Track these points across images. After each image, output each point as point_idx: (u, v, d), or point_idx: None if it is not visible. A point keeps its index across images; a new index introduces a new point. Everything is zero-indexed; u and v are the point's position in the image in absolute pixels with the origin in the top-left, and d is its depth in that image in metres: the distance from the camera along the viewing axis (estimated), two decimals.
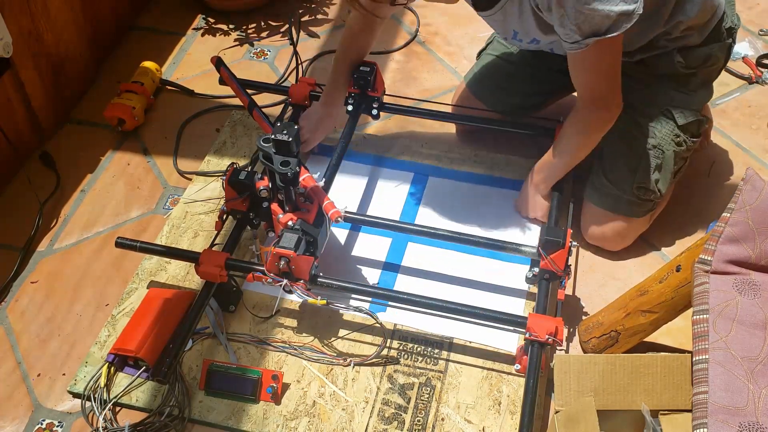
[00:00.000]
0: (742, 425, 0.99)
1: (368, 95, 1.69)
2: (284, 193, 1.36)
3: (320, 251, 1.41)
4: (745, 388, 1.02)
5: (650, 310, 1.27)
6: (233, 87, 1.74)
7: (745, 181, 1.15)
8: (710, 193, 1.72)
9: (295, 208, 1.39)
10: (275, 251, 1.31)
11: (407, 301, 1.35)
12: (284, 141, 1.27)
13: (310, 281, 1.34)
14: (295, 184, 1.36)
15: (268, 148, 1.29)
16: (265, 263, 1.34)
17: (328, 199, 1.39)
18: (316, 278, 1.35)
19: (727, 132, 1.88)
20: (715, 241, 1.14)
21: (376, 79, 1.67)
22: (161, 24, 2.24)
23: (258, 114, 1.69)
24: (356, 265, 1.56)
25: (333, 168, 1.57)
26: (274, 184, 1.35)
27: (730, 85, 2.01)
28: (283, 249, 1.31)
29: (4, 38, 1.61)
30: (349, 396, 1.35)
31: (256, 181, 1.43)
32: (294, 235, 1.33)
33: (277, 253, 1.31)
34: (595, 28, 1.21)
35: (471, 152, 1.78)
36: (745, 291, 1.10)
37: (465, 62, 2.09)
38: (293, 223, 1.36)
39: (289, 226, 1.36)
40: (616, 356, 1.21)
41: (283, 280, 1.33)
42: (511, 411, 1.32)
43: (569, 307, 1.48)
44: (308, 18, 2.24)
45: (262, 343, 1.42)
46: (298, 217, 1.37)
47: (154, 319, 1.39)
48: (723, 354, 1.05)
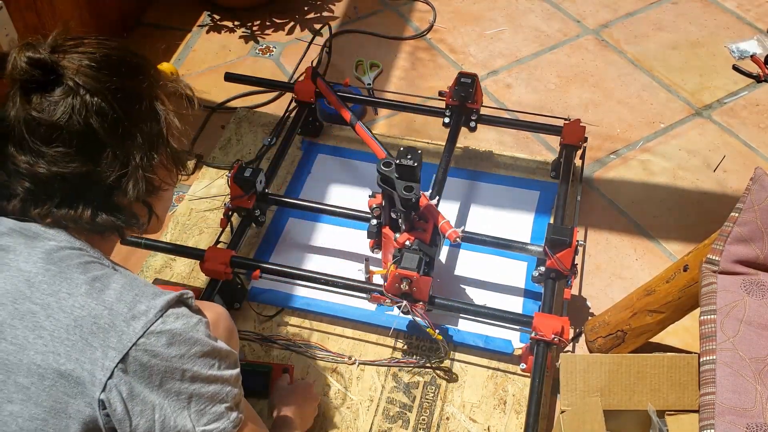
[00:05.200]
0: (749, 426, 0.99)
1: (467, 107, 1.63)
2: (403, 215, 1.31)
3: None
4: (752, 389, 1.01)
5: (657, 310, 1.26)
6: (333, 101, 1.67)
7: (753, 181, 1.14)
8: (717, 193, 1.71)
9: (411, 228, 1.34)
10: (398, 272, 1.26)
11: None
12: (409, 166, 1.22)
13: (429, 302, 1.30)
14: (417, 209, 1.31)
15: (388, 173, 1.24)
16: (384, 284, 1.30)
17: (443, 218, 1.35)
18: (434, 299, 1.32)
19: (735, 131, 1.87)
20: (723, 241, 1.13)
21: (476, 91, 1.62)
22: (166, 20, 2.23)
23: (363, 130, 1.59)
24: None
25: (440, 183, 1.51)
26: (389, 206, 1.31)
27: (738, 84, 2.00)
28: (407, 270, 1.27)
29: (10, 34, 1.61)
30: (353, 394, 1.35)
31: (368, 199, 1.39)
32: (415, 255, 1.28)
33: (400, 274, 1.26)
34: None
35: (476, 151, 1.78)
36: (753, 291, 1.10)
37: (471, 59, 2.09)
38: (411, 243, 1.32)
39: (406, 246, 1.32)
40: (622, 356, 1.20)
41: (402, 301, 1.29)
42: (516, 410, 1.32)
43: (575, 306, 1.48)
44: (313, 15, 2.24)
45: (267, 340, 1.42)
46: (415, 237, 1.33)
47: None
48: (730, 355, 1.05)
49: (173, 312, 0.81)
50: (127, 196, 0.86)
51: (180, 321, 0.80)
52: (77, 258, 0.83)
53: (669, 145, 1.84)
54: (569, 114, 1.68)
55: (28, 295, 0.79)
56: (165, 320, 0.79)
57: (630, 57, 2.10)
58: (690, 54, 2.10)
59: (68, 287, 0.80)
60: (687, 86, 2.00)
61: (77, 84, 0.82)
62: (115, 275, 0.83)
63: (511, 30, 2.20)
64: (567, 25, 2.21)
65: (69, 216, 0.84)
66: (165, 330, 0.79)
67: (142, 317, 0.78)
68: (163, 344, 0.78)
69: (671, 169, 1.78)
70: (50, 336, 0.77)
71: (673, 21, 2.21)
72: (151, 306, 0.79)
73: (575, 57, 2.10)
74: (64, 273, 0.81)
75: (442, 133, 1.81)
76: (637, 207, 1.69)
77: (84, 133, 0.82)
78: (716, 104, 1.95)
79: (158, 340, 0.78)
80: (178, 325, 0.80)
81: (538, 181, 1.71)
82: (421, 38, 2.17)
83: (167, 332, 0.79)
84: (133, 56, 0.90)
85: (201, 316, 0.84)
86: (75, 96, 0.82)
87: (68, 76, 0.82)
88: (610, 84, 2.02)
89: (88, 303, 0.78)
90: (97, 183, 0.85)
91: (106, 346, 0.76)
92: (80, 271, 0.81)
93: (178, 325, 0.80)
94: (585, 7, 2.28)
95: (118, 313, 0.78)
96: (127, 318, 0.78)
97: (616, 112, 1.93)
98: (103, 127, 0.83)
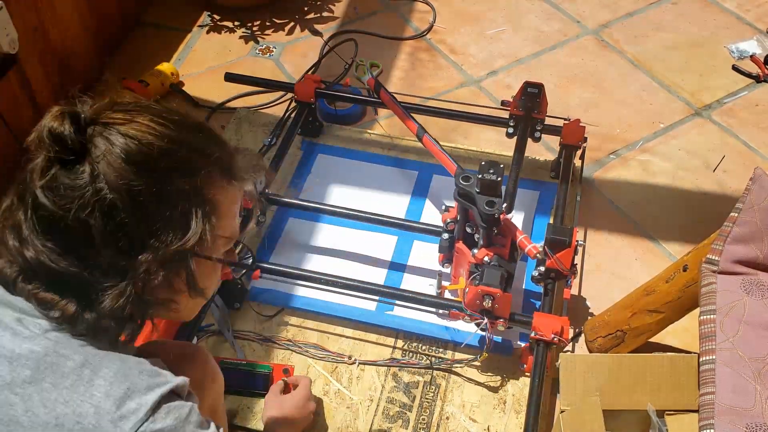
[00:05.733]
0: (749, 426, 0.99)
1: (533, 117, 1.60)
2: (483, 231, 1.29)
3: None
4: (752, 389, 1.01)
5: (657, 310, 1.26)
6: (398, 112, 1.61)
7: (753, 181, 1.14)
8: (717, 193, 1.71)
9: (489, 244, 1.32)
10: (480, 289, 1.24)
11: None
12: (492, 181, 1.20)
13: (510, 320, 1.28)
14: (498, 224, 1.28)
15: (468, 187, 1.21)
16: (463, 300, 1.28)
17: (521, 233, 1.32)
18: (514, 316, 1.29)
19: (735, 131, 1.87)
20: (722, 241, 1.13)
21: (542, 100, 1.58)
22: (167, 20, 2.23)
23: (431, 142, 1.51)
24: (364, 264, 1.56)
25: (512, 196, 1.46)
26: (464, 220, 1.28)
27: (737, 84, 2.00)
28: (490, 287, 1.24)
29: (10, 34, 1.61)
30: (353, 394, 1.35)
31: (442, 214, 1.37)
32: (497, 271, 1.26)
33: (482, 291, 1.24)
34: None
35: (476, 152, 1.78)
36: (752, 291, 1.10)
37: (471, 60, 2.09)
38: (489, 259, 1.29)
39: (485, 262, 1.29)
40: (622, 356, 1.20)
41: (482, 318, 1.27)
42: (516, 410, 1.32)
43: (575, 306, 1.48)
44: (313, 15, 2.24)
45: (267, 340, 1.42)
46: (494, 253, 1.30)
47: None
48: (730, 354, 1.05)
49: (165, 407, 0.73)
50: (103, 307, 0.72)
51: (171, 416, 0.73)
52: (65, 339, 0.73)
53: (669, 146, 1.84)
54: (569, 114, 1.68)
55: (7, 381, 0.70)
56: (156, 418, 0.72)
57: (630, 57, 2.10)
58: (690, 54, 2.10)
59: (53, 376, 0.71)
60: (687, 86, 2.00)
61: (97, 173, 0.70)
62: (107, 359, 0.73)
63: (511, 30, 2.20)
64: (567, 26, 2.21)
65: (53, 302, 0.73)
66: (157, 430, 0.71)
67: (132, 417, 0.70)
68: None
69: (671, 170, 1.78)
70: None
71: (673, 21, 2.22)
72: (142, 403, 0.71)
73: (575, 57, 2.10)
74: (49, 357, 0.72)
75: (442, 133, 1.81)
76: (637, 207, 1.69)
77: (80, 232, 0.71)
78: (716, 104, 1.95)
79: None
80: (170, 422, 0.72)
81: (538, 181, 1.71)
82: (421, 38, 2.17)
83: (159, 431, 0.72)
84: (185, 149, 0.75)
85: (192, 402, 0.77)
86: (89, 186, 0.70)
87: (93, 159, 0.70)
88: (610, 84, 2.02)
89: (73, 398, 0.70)
90: (84, 285, 0.73)
91: None
92: (67, 355, 0.72)
93: (170, 422, 0.72)
94: (585, 8, 2.28)
95: (106, 411, 0.70)
96: (115, 418, 0.70)
97: (616, 112, 1.94)
98: (103, 233, 0.71)
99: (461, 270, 1.37)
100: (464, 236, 1.34)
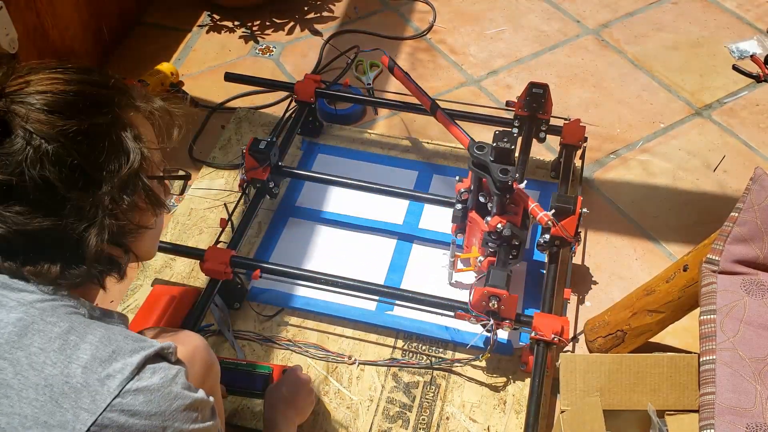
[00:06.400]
0: (749, 426, 0.99)
1: (538, 118, 1.60)
2: (496, 199, 1.31)
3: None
4: (752, 389, 1.01)
5: (657, 310, 1.26)
6: (411, 89, 1.63)
7: (753, 181, 1.14)
8: (717, 193, 1.71)
9: (502, 212, 1.34)
10: (487, 290, 1.24)
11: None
12: (506, 149, 1.21)
13: (515, 321, 1.28)
14: (512, 192, 1.30)
15: (482, 156, 1.23)
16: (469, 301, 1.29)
17: (533, 202, 1.35)
18: (520, 317, 1.29)
19: (735, 131, 1.87)
20: (722, 241, 1.13)
21: (547, 101, 1.59)
22: (166, 20, 2.23)
23: (444, 117, 1.54)
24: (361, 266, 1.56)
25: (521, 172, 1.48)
26: (477, 190, 1.30)
27: (738, 84, 2.00)
28: (496, 288, 1.25)
29: (10, 34, 1.61)
30: (353, 394, 1.35)
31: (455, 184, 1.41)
32: (503, 272, 1.27)
33: (489, 292, 1.24)
34: None
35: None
36: (753, 291, 1.10)
37: (471, 59, 2.09)
38: (502, 226, 1.32)
39: (498, 229, 1.32)
40: (622, 356, 1.20)
41: (488, 319, 1.27)
42: (516, 410, 1.32)
43: (575, 306, 1.48)
44: (313, 15, 2.24)
45: (267, 340, 1.42)
46: (507, 220, 1.32)
47: (158, 315, 1.39)
48: (730, 355, 1.05)
49: (150, 367, 0.75)
50: (89, 247, 0.77)
51: (157, 375, 0.75)
52: (50, 308, 0.76)
53: (669, 146, 1.84)
54: (569, 114, 1.68)
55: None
56: (141, 376, 0.74)
57: (630, 57, 2.10)
58: (690, 54, 2.10)
59: (40, 341, 0.73)
60: (687, 86, 2.00)
61: (29, 132, 0.73)
62: (92, 327, 0.76)
63: (511, 30, 2.20)
64: (567, 25, 2.21)
65: (36, 272, 0.77)
66: (142, 387, 0.73)
67: (118, 375, 0.73)
68: (141, 402, 0.73)
69: (671, 170, 1.78)
70: (17, 396, 0.71)
71: (673, 21, 2.22)
72: (127, 363, 0.73)
73: (575, 57, 2.10)
74: (36, 324, 0.74)
75: (442, 134, 1.81)
76: (637, 207, 1.69)
77: (41, 187, 0.74)
78: (716, 104, 1.95)
79: (135, 398, 0.72)
80: (156, 380, 0.74)
81: (538, 181, 1.71)
82: (421, 38, 2.17)
83: (144, 389, 0.73)
84: (92, 86, 0.80)
85: (180, 366, 0.79)
86: (28, 146, 0.73)
87: (18, 124, 0.74)
88: (610, 84, 2.02)
89: (61, 360, 0.72)
90: (62, 237, 0.77)
91: (77, 408, 0.71)
92: (54, 322, 0.75)
93: (156, 380, 0.74)
94: (585, 7, 2.28)
95: (92, 371, 0.72)
96: (102, 377, 0.72)
97: (616, 112, 1.94)
98: (62, 179, 0.75)
99: (474, 239, 1.40)
100: (477, 205, 1.37)
